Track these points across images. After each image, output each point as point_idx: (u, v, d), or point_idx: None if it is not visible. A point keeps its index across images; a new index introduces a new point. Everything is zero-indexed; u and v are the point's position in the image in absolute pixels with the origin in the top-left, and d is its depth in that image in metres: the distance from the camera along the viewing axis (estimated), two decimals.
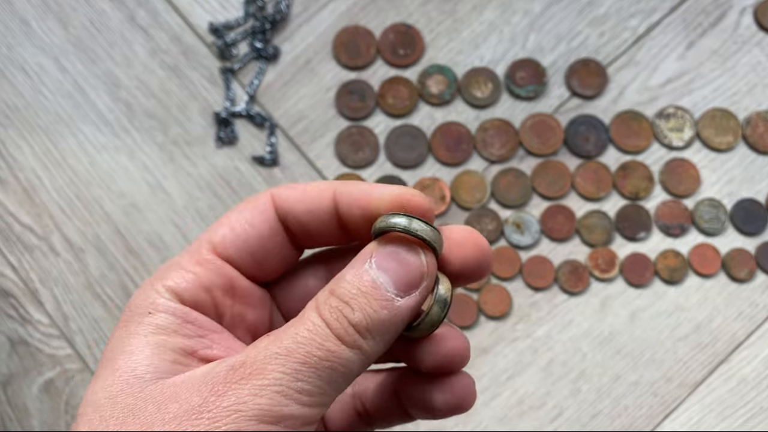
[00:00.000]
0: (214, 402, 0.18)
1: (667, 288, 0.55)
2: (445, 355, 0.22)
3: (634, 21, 0.59)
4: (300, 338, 0.19)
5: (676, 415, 0.53)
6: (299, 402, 0.19)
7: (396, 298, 0.20)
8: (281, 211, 0.22)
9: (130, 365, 0.20)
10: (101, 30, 0.59)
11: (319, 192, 0.22)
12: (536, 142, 0.56)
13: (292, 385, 0.19)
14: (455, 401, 0.22)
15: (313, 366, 0.19)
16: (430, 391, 0.22)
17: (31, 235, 0.55)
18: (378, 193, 0.21)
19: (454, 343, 0.22)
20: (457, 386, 0.22)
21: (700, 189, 0.56)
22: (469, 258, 0.21)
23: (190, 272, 0.22)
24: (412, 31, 0.58)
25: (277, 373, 0.19)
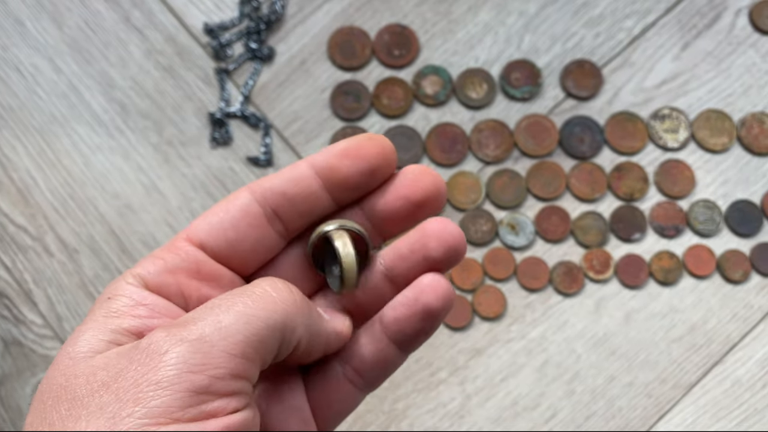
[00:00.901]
0: (138, 362, 0.18)
1: (661, 289, 0.55)
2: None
3: (629, 22, 0.59)
4: (230, 295, 0.20)
5: (670, 416, 0.53)
6: (225, 350, 0.19)
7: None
8: (260, 193, 0.23)
9: (68, 350, 0.20)
10: (96, 30, 0.58)
11: (293, 169, 0.23)
12: (531, 143, 0.56)
13: (215, 333, 0.19)
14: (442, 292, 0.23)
15: (239, 314, 0.20)
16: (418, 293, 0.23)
17: (25, 235, 0.55)
18: (338, 142, 0.23)
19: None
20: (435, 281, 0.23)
21: (694, 190, 0.56)
22: (428, 188, 0.23)
23: (160, 259, 0.22)
24: (407, 31, 0.58)
25: (199, 323, 0.19)
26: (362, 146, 0.23)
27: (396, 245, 0.24)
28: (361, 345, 0.24)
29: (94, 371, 0.19)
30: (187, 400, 0.18)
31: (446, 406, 0.53)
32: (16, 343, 0.54)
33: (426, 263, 0.23)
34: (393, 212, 0.23)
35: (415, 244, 0.23)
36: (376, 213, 0.24)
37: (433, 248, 0.23)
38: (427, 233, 0.23)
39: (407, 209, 0.23)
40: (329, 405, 0.24)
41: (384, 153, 0.23)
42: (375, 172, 0.23)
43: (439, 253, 0.23)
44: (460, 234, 0.23)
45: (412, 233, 0.23)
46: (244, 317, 0.20)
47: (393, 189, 0.23)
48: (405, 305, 0.23)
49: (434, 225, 0.23)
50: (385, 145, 0.23)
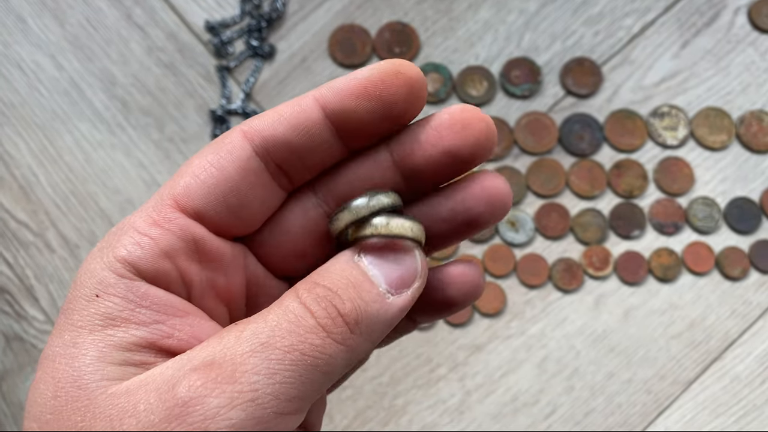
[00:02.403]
0: (178, 417, 0.15)
1: (660, 286, 0.55)
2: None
3: (629, 20, 0.59)
4: (279, 330, 0.17)
5: (669, 412, 0.53)
6: (278, 411, 0.16)
7: (387, 294, 0.18)
8: (260, 142, 0.19)
9: (72, 372, 0.17)
10: (98, 28, 0.59)
11: (297, 105, 0.19)
12: (531, 140, 0.57)
13: (269, 391, 0.16)
14: (468, 286, 0.21)
15: (294, 363, 0.16)
16: (440, 284, 0.20)
17: (26, 231, 0.56)
18: (355, 75, 0.19)
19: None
20: (467, 272, 0.21)
21: (693, 187, 0.57)
22: (478, 135, 0.19)
23: (146, 236, 0.18)
24: (408, 29, 0.58)
25: (252, 375, 0.16)
26: (387, 83, 0.18)
27: (437, 199, 0.20)
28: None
29: (120, 416, 0.16)
30: None
31: (446, 402, 0.53)
32: (17, 339, 0.54)
33: (468, 228, 0.20)
34: (434, 167, 0.19)
35: (458, 205, 0.20)
36: (410, 165, 0.20)
37: (480, 213, 0.20)
38: (473, 193, 0.20)
39: (451, 164, 0.19)
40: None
41: (414, 91, 0.19)
42: (401, 115, 0.19)
43: (486, 217, 0.20)
44: (508, 192, 0.20)
45: (454, 189, 0.20)
46: (304, 368, 0.16)
47: (433, 137, 0.19)
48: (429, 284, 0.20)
49: (484, 183, 0.20)
50: (415, 80, 0.19)
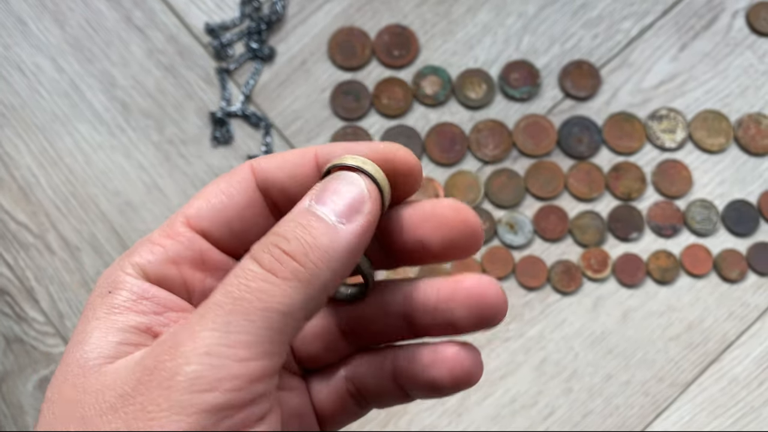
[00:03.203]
0: (146, 384, 0.17)
1: (658, 288, 0.55)
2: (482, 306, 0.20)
3: (627, 23, 0.59)
4: (231, 287, 0.18)
5: (667, 414, 0.53)
6: (236, 358, 0.17)
7: (338, 224, 0.18)
8: (262, 180, 0.21)
9: (77, 355, 0.19)
10: (98, 30, 0.59)
11: (300, 156, 0.20)
12: (530, 143, 0.57)
13: (222, 341, 0.17)
14: (462, 373, 0.20)
15: (245, 312, 0.17)
16: (433, 366, 0.20)
17: (26, 233, 0.56)
18: (360, 150, 0.20)
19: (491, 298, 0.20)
20: (462, 357, 0.20)
21: (692, 190, 0.57)
22: (456, 236, 0.20)
23: (159, 246, 0.20)
24: (407, 32, 0.59)
25: (207, 332, 0.17)
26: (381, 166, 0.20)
27: (421, 287, 0.21)
28: (370, 374, 0.22)
29: (103, 390, 0.18)
30: (204, 422, 0.17)
31: (445, 403, 0.53)
32: (17, 341, 0.54)
33: (449, 328, 0.20)
34: (407, 252, 0.21)
35: (441, 302, 0.20)
36: (390, 245, 0.21)
37: (461, 317, 0.20)
38: (457, 296, 0.20)
39: (423, 254, 0.20)
40: (332, 414, 0.23)
41: (403, 178, 0.20)
42: (392, 196, 0.20)
43: (469, 324, 0.20)
44: (500, 300, 0.20)
45: (444, 283, 0.20)
46: (254, 313, 0.17)
47: (410, 224, 0.20)
48: (417, 367, 0.21)
49: (469, 287, 0.20)
50: (405, 170, 0.20)
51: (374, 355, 0.22)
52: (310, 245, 0.18)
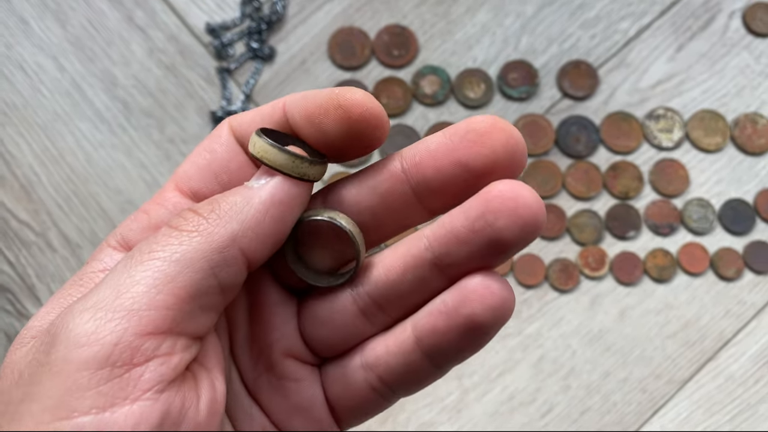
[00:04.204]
0: (43, 347, 0.16)
1: (656, 286, 0.56)
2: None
3: (625, 24, 0.60)
4: (139, 247, 0.17)
5: (664, 411, 0.54)
6: (121, 309, 0.16)
7: (253, 184, 0.18)
8: (240, 134, 0.20)
9: (23, 331, 0.18)
10: (99, 29, 0.59)
11: (272, 107, 0.19)
12: (528, 142, 0.57)
13: (110, 294, 0.16)
14: (496, 300, 0.17)
15: (137, 263, 0.17)
16: (463, 305, 0.18)
17: (28, 231, 0.56)
18: (313, 95, 0.18)
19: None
20: (489, 281, 0.18)
21: (689, 189, 0.57)
22: (499, 149, 0.17)
23: (144, 213, 0.20)
24: (407, 32, 0.59)
25: (99, 287, 0.16)
26: (326, 115, 0.18)
27: (448, 223, 0.18)
28: (389, 353, 0.19)
29: (18, 362, 0.17)
30: (85, 381, 0.15)
31: (444, 400, 0.54)
32: None
33: (493, 249, 0.17)
34: (444, 181, 0.18)
35: (476, 221, 0.17)
36: (423, 179, 0.18)
37: (503, 228, 0.17)
38: (493, 206, 0.17)
39: (464, 180, 0.18)
40: (350, 408, 0.21)
41: (357, 126, 0.18)
42: (342, 147, 0.19)
43: (513, 234, 0.17)
44: (538, 202, 0.17)
45: (471, 203, 0.17)
46: (145, 263, 0.17)
47: (446, 149, 0.18)
48: (444, 314, 0.18)
49: (503, 193, 0.17)
50: (360, 116, 0.18)
51: (391, 332, 0.20)
52: (218, 202, 0.18)
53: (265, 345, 0.21)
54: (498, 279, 0.18)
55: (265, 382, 0.21)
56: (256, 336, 0.21)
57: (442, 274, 0.18)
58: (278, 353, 0.21)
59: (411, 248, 0.19)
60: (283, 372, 0.21)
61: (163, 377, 0.16)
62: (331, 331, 0.20)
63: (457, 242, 0.18)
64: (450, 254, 0.18)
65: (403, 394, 0.20)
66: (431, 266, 0.18)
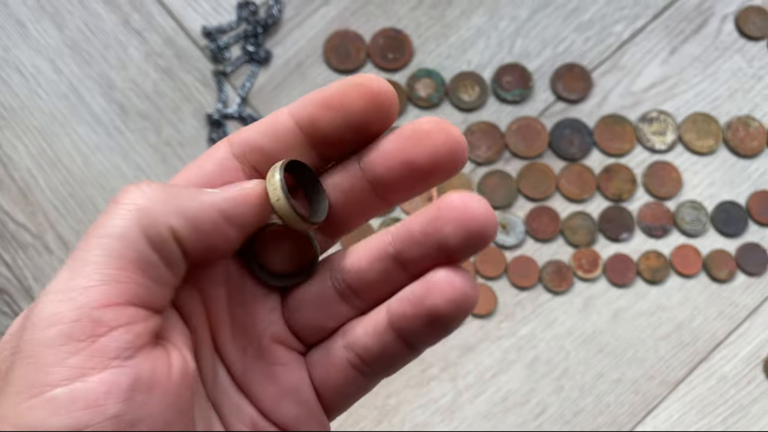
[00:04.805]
0: (20, 335, 0.17)
1: (649, 288, 0.56)
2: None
3: (619, 27, 0.60)
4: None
5: (657, 412, 0.54)
6: (77, 288, 0.17)
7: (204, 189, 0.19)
8: (238, 145, 0.20)
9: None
10: (96, 33, 0.60)
11: (274, 114, 0.20)
12: (522, 144, 0.58)
13: (67, 276, 0.17)
14: (457, 295, 0.19)
15: (85, 245, 0.17)
16: (427, 296, 0.19)
17: (25, 233, 0.56)
18: (325, 87, 0.19)
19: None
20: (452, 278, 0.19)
21: (681, 191, 0.58)
22: (440, 148, 0.19)
23: None
24: (401, 35, 0.60)
25: (60, 273, 0.18)
26: (347, 94, 0.19)
27: (408, 224, 0.20)
28: (367, 334, 0.20)
29: (2, 349, 0.18)
30: (50, 359, 0.16)
31: (438, 401, 0.54)
32: None
33: (441, 252, 0.19)
34: (395, 178, 0.20)
35: (428, 226, 0.19)
36: (376, 176, 0.20)
37: (449, 234, 0.19)
38: (443, 214, 0.19)
39: (412, 176, 0.19)
40: (335, 390, 0.21)
41: (377, 101, 0.19)
42: (364, 126, 0.20)
43: (457, 240, 0.18)
44: (486, 214, 0.18)
45: (427, 210, 0.19)
46: (91, 242, 0.18)
47: (394, 148, 0.19)
48: (411, 303, 0.19)
49: (452, 203, 0.18)
50: (378, 91, 0.19)
51: (369, 315, 0.21)
52: (167, 186, 0.19)
53: (253, 335, 0.21)
54: (461, 274, 0.19)
55: (255, 371, 0.21)
56: (243, 329, 0.22)
57: (403, 268, 0.20)
58: (267, 340, 0.21)
59: (378, 242, 0.20)
60: (272, 357, 0.21)
61: (129, 344, 0.17)
62: (314, 314, 0.21)
63: (412, 242, 0.19)
64: (407, 252, 0.20)
65: (383, 375, 0.21)
66: (393, 261, 0.20)
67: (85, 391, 0.16)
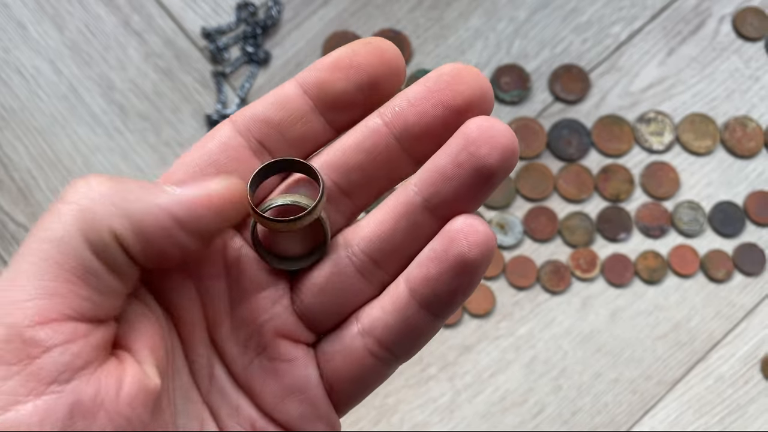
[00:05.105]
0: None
1: (646, 288, 0.56)
2: None
3: (616, 28, 0.60)
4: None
5: (654, 411, 0.54)
6: (9, 301, 0.15)
7: (165, 187, 0.18)
8: (242, 121, 0.20)
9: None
10: (96, 34, 0.60)
11: (279, 88, 0.19)
12: (520, 145, 0.58)
13: (2, 286, 0.16)
14: (481, 238, 0.18)
15: (24, 251, 0.16)
16: (452, 245, 0.18)
17: (25, 233, 0.57)
18: (333, 52, 0.19)
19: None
20: (472, 221, 0.18)
21: (679, 191, 0.58)
22: (470, 88, 0.18)
23: None
24: (400, 36, 0.60)
25: (9, 272, 0.16)
26: (357, 54, 0.19)
27: (432, 164, 0.19)
28: (386, 312, 0.19)
29: None
30: None
31: (436, 401, 0.54)
32: None
33: (479, 177, 0.18)
34: (429, 125, 0.19)
35: (459, 155, 0.18)
36: (407, 126, 0.19)
37: (485, 155, 0.18)
38: (475, 138, 0.18)
39: (447, 119, 0.19)
40: (350, 381, 0.20)
41: (386, 59, 0.19)
42: (376, 84, 0.19)
43: (495, 159, 0.18)
44: (509, 130, 0.18)
45: (452, 143, 0.18)
46: (29, 248, 0.16)
47: (426, 94, 0.19)
48: (434, 260, 0.18)
49: (481, 125, 0.18)
50: (386, 50, 0.19)
51: (385, 292, 0.20)
52: (119, 181, 0.17)
53: (254, 329, 0.20)
54: (479, 219, 0.19)
55: (256, 367, 0.20)
56: (244, 321, 0.20)
57: (433, 215, 0.19)
58: (270, 334, 0.20)
59: (399, 198, 0.19)
60: (275, 353, 0.20)
61: (67, 366, 0.15)
62: (330, 297, 0.20)
63: (444, 180, 0.18)
64: (439, 193, 0.19)
65: (402, 357, 0.20)
66: (422, 210, 0.19)
67: (17, 423, 0.15)
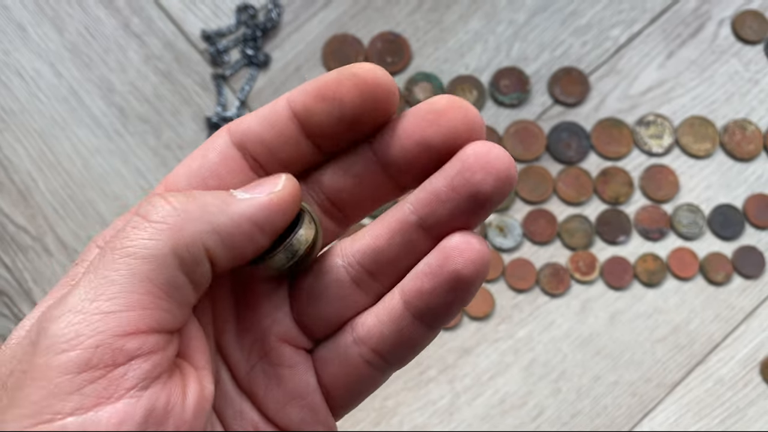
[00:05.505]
0: (26, 354, 0.17)
1: (646, 290, 0.56)
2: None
3: (616, 31, 0.60)
4: (112, 241, 0.17)
5: (654, 414, 0.54)
6: (98, 311, 0.16)
7: (234, 193, 0.18)
8: (238, 137, 0.20)
9: (24, 326, 0.19)
10: (96, 36, 0.60)
11: (272, 103, 0.20)
12: (519, 148, 0.58)
13: (86, 296, 0.16)
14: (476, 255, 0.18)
15: (109, 262, 0.17)
16: (447, 262, 0.19)
17: (25, 235, 0.57)
18: (321, 76, 0.19)
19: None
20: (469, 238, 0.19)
21: (678, 194, 0.58)
22: (457, 125, 0.18)
23: (130, 214, 0.19)
24: (400, 39, 0.60)
25: (75, 290, 0.17)
26: (341, 85, 0.18)
27: (428, 186, 0.19)
28: (381, 322, 0.20)
29: (4, 363, 0.17)
30: (66, 386, 0.16)
31: (436, 403, 0.54)
32: None
33: (473, 203, 0.18)
34: (410, 159, 0.19)
35: (455, 179, 0.18)
36: (389, 158, 0.19)
37: (480, 182, 0.18)
38: (471, 164, 0.18)
39: (428, 157, 0.19)
40: (345, 387, 0.21)
41: (372, 93, 0.18)
42: (359, 119, 0.19)
43: (490, 186, 0.18)
44: (508, 157, 0.18)
45: (449, 167, 0.19)
46: (116, 261, 0.17)
47: (409, 128, 0.19)
48: (428, 274, 0.19)
49: (478, 151, 0.18)
50: (374, 82, 0.18)
51: (380, 303, 0.20)
52: (194, 198, 0.18)
53: (258, 333, 0.21)
54: (476, 236, 0.19)
55: (259, 372, 0.21)
56: (248, 327, 0.21)
57: (427, 234, 0.19)
58: (272, 339, 0.21)
59: (396, 215, 0.20)
60: (277, 358, 0.21)
61: (146, 375, 0.16)
62: (326, 305, 0.21)
63: (439, 202, 0.19)
64: (434, 214, 0.19)
65: (396, 365, 0.21)
66: (417, 228, 0.19)
67: (97, 422, 0.16)
